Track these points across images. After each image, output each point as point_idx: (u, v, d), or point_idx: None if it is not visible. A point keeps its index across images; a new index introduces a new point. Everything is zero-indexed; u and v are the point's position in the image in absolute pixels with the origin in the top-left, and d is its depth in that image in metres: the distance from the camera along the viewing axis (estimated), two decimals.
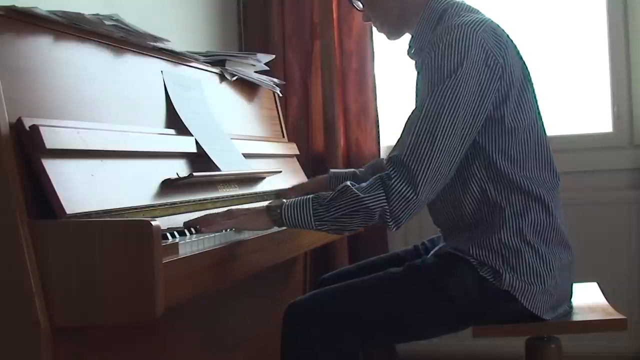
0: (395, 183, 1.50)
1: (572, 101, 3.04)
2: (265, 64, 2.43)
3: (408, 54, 1.80)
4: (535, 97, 1.71)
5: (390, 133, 3.09)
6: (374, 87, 3.03)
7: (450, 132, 1.52)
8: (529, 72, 1.70)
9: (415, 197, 1.50)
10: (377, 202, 1.49)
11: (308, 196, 1.56)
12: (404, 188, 1.49)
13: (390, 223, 1.52)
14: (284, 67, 3.08)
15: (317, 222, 1.53)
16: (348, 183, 1.54)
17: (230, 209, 1.61)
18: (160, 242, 1.24)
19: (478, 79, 1.54)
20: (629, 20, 2.90)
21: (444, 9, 1.68)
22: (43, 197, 1.28)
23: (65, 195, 1.29)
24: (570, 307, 1.74)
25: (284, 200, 1.58)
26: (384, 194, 1.50)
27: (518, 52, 1.68)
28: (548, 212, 1.64)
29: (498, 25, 1.66)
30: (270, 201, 1.61)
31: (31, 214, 1.26)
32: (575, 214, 2.65)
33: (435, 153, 1.51)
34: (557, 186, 1.70)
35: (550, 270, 1.62)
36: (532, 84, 1.70)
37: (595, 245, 2.80)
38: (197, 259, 1.39)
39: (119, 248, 1.23)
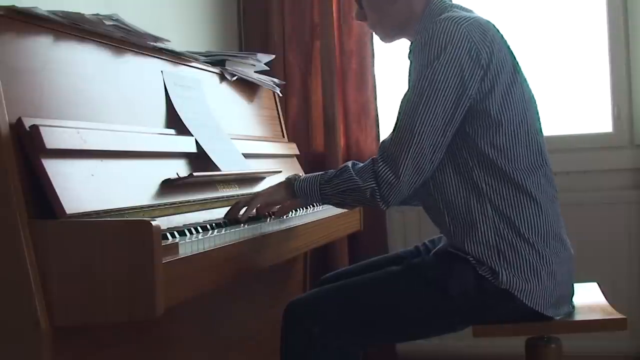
0: (381, 167, 1.60)
1: (572, 101, 3.04)
2: (265, 64, 2.43)
3: (409, 57, 1.81)
4: (529, 92, 1.71)
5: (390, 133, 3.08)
6: (374, 87, 3.03)
7: (428, 118, 1.58)
8: (520, 68, 1.70)
9: (397, 181, 1.59)
10: (367, 184, 1.61)
11: (317, 173, 1.71)
12: (387, 173, 1.59)
13: (380, 202, 1.62)
14: (284, 67, 3.08)
15: (322, 196, 1.69)
16: (348, 163, 1.67)
17: (256, 192, 1.80)
18: (160, 242, 1.24)
19: (459, 68, 1.57)
20: (629, 20, 2.90)
21: (440, 12, 1.70)
22: (43, 197, 1.28)
23: (65, 195, 1.29)
24: (573, 307, 1.74)
25: (300, 174, 1.78)
26: (373, 177, 1.60)
27: (508, 47, 1.69)
28: (537, 205, 1.63)
29: (488, 22, 1.67)
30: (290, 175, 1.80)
31: (31, 214, 1.26)
32: (575, 214, 2.66)
33: (415, 139, 1.58)
34: (549, 182, 1.69)
35: (548, 266, 1.62)
36: (525, 79, 1.71)
37: (595, 245, 2.81)
38: (197, 259, 1.39)
39: (119, 248, 1.23)
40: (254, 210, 1.76)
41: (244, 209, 1.75)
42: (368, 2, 1.79)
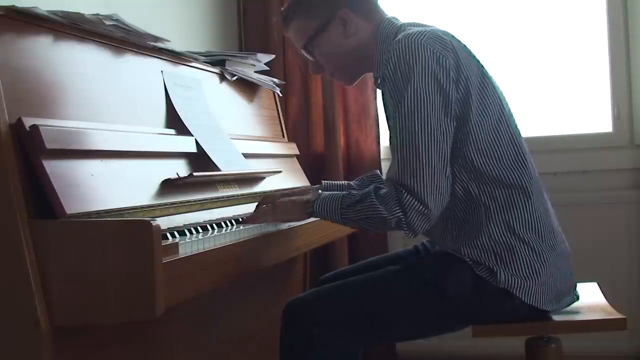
0: (407, 198, 1.55)
1: (572, 101, 3.04)
2: (265, 64, 2.43)
3: (375, 84, 1.82)
4: (500, 92, 1.72)
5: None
6: (375, 87, 3.03)
7: (427, 137, 1.56)
8: (486, 72, 1.71)
9: (428, 211, 1.55)
10: (393, 214, 1.56)
11: (339, 194, 1.65)
12: (416, 202, 1.55)
13: (407, 231, 1.59)
14: (284, 67, 3.08)
15: (343, 220, 1.64)
16: (371, 188, 1.61)
17: (277, 202, 1.75)
18: (160, 242, 1.24)
19: (434, 77, 1.58)
20: (629, 20, 2.90)
21: (395, 34, 1.71)
22: (43, 197, 1.28)
23: (65, 195, 1.29)
24: (577, 296, 1.74)
25: (320, 191, 1.72)
26: (399, 207, 1.56)
27: (470, 53, 1.70)
28: (529, 200, 1.64)
29: (445, 32, 1.68)
30: (309, 194, 1.77)
31: (31, 214, 1.26)
32: (575, 214, 2.66)
33: (425, 163, 1.56)
34: (535, 175, 1.70)
35: (545, 261, 1.62)
36: (494, 83, 1.72)
37: (595, 245, 2.81)
38: (197, 259, 1.39)
39: (119, 248, 1.23)
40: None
41: (259, 219, 1.75)
42: (320, 51, 1.79)
